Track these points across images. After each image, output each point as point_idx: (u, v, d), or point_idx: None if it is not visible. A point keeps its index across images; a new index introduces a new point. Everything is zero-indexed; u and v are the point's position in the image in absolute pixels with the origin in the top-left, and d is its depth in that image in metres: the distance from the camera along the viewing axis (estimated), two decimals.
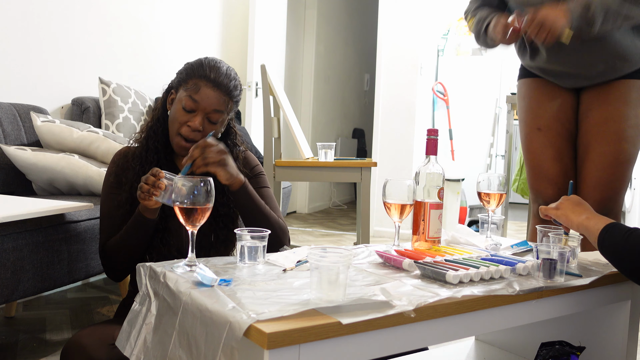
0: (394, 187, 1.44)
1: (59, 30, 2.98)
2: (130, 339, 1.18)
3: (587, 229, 1.33)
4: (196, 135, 1.50)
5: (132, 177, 1.53)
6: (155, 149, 1.55)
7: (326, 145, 3.02)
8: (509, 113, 3.58)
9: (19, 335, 2.20)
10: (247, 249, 1.26)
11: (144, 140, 1.57)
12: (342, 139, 6.60)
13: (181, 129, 1.50)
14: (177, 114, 1.51)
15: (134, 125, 2.96)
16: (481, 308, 1.13)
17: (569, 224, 1.38)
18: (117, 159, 1.59)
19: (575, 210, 1.38)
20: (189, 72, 1.52)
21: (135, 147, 1.59)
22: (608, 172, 1.79)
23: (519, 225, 5.28)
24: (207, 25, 4.22)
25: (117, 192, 1.55)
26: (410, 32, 4.56)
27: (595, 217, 1.34)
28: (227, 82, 1.51)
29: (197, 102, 1.49)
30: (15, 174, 2.42)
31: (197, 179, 1.18)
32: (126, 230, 1.48)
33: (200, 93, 1.49)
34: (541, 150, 1.91)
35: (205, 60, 1.54)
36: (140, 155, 1.55)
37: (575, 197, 1.42)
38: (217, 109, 1.50)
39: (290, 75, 5.69)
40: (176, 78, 1.57)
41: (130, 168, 1.55)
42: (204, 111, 1.50)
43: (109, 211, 1.55)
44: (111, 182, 1.56)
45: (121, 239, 1.49)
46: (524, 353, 1.74)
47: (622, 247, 1.22)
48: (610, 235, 1.26)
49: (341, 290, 1.01)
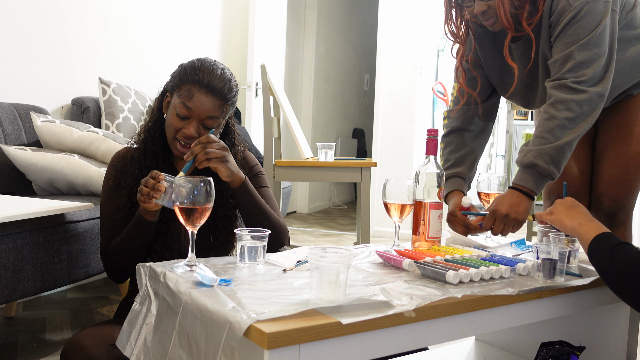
0: (394, 187, 1.44)
1: (59, 30, 2.98)
2: (130, 339, 1.18)
3: (579, 235, 1.32)
4: (192, 141, 1.48)
5: (130, 181, 1.53)
6: (153, 153, 1.55)
7: (326, 145, 3.02)
8: (509, 113, 3.58)
9: (19, 335, 2.20)
10: (247, 249, 1.26)
11: (141, 143, 1.56)
12: (342, 139, 6.60)
13: (177, 134, 1.50)
14: (172, 120, 1.50)
15: (134, 125, 2.96)
16: (481, 308, 1.13)
17: (563, 229, 1.37)
18: (115, 162, 1.58)
19: (568, 214, 1.37)
20: (182, 77, 1.50)
21: (134, 149, 1.58)
22: (624, 169, 1.79)
23: None
24: (207, 25, 4.22)
25: (116, 196, 1.54)
26: (410, 32, 4.56)
27: (587, 223, 1.32)
28: (222, 87, 1.48)
29: (191, 109, 1.46)
30: (15, 174, 2.42)
31: (197, 179, 1.18)
32: (127, 233, 1.47)
33: (193, 100, 1.46)
34: None
35: (199, 63, 1.50)
36: (138, 159, 1.54)
37: (569, 200, 1.41)
38: (211, 116, 1.48)
39: (290, 75, 5.69)
40: (170, 81, 1.55)
41: (129, 171, 1.54)
42: (198, 118, 1.47)
43: (109, 214, 1.55)
44: (110, 185, 1.56)
45: (122, 242, 1.48)
46: (524, 353, 1.74)
47: (608, 264, 1.21)
48: (598, 247, 1.25)
49: (341, 290, 1.01)
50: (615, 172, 1.80)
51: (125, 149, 1.61)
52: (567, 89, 1.55)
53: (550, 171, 1.54)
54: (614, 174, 1.80)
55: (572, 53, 1.55)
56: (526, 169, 1.55)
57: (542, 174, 1.54)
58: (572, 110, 1.54)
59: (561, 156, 1.54)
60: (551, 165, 1.54)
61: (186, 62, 1.55)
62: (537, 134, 1.57)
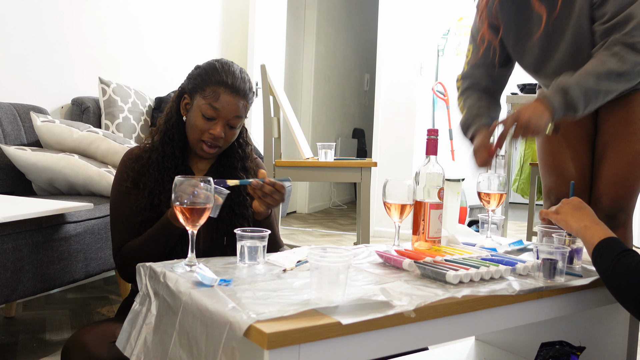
0: (394, 187, 1.44)
1: (59, 30, 2.98)
2: (130, 339, 1.18)
3: (584, 238, 1.32)
4: (219, 141, 1.51)
5: (151, 184, 1.52)
6: (172, 155, 1.55)
7: (326, 145, 3.02)
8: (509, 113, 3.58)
9: (19, 335, 2.20)
10: (247, 249, 1.26)
11: (159, 146, 1.55)
12: (342, 139, 6.60)
13: (203, 136, 1.51)
14: (198, 122, 1.50)
15: (133, 125, 2.96)
16: (481, 308, 1.13)
17: (569, 230, 1.37)
18: (130, 163, 1.55)
19: (575, 215, 1.37)
20: (204, 79, 1.51)
21: (150, 150, 1.56)
22: (624, 169, 1.79)
23: (519, 225, 5.28)
24: (207, 25, 4.22)
25: (134, 195, 1.52)
26: (410, 32, 4.56)
27: (593, 226, 1.32)
28: (244, 86, 1.51)
29: (218, 110, 1.49)
30: (15, 174, 2.42)
31: (197, 179, 1.18)
32: (150, 235, 1.46)
33: (220, 101, 1.48)
34: (558, 150, 1.91)
35: (219, 64, 1.52)
36: (157, 161, 1.53)
37: (576, 200, 1.41)
38: (237, 115, 1.51)
39: (290, 75, 5.69)
40: (189, 83, 1.55)
41: (148, 173, 1.53)
42: (224, 118, 1.50)
43: (125, 215, 1.52)
44: (128, 186, 1.53)
45: (144, 245, 1.46)
46: (524, 353, 1.74)
47: (610, 273, 1.21)
48: (602, 254, 1.25)
49: (341, 290, 1.01)
50: (616, 172, 1.79)
51: (138, 148, 1.59)
52: (630, 48, 1.56)
53: (577, 104, 1.56)
54: (615, 173, 1.79)
55: (632, 13, 1.57)
56: (559, 89, 1.58)
57: (569, 102, 1.56)
58: (625, 66, 1.56)
59: (594, 99, 1.57)
60: (581, 100, 1.56)
61: (203, 63, 1.56)
62: (583, 71, 1.59)
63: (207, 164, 1.62)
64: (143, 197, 1.51)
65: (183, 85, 1.58)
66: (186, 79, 1.57)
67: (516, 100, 3.51)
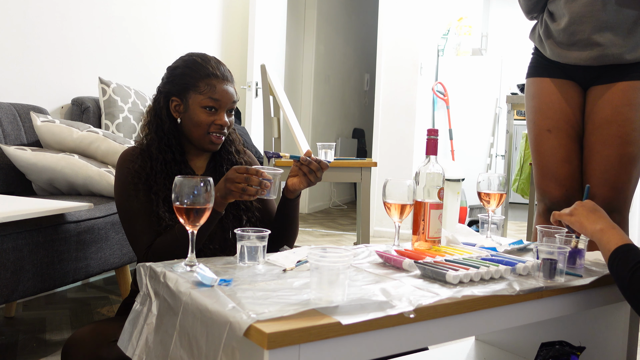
0: (394, 187, 1.44)
1: (59, 30, 2.98)
2: (132, 339, 1.19)
3: (600, 242, 1.30)
4: (226, 128, 1.56)
5: (163, 193, 1.50)
6: (174, 161, 1.55)
7: (326, 145, 3.01)
8: (509, 113, 3.58)
9: (19, 335, 2.20)
10: (247, 249, 1.26)
11: (159, 154, 1.53)
12: (342, 139, 6.60)
13: (209, 128, 1.54)
14: (201, 117, 1.52)
15: (134, 125, 2.96)
16: (481, 308, 1.13)
17: (583, 232, 1.36)
18: (130, 165, 1.52)
19: (590, 217, 1.36)
20: (193, 76, 1.52)
21: (150, 160, 1.53)
22: (611, 173, 1.79)
23: (519, 225, 5.28)
24: (207, 25, 4.22)
25: (143, 191, 1.50)
26: (410, 32, 4.56)
27: (609, 230, 1.31)
28: (228, 72, 1.58)
29: (219, 100, 1.53)
30: (15, 174, 2.42)
31: (197, 179, 1.18)
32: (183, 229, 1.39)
33: (217, 91, 1.53)
34: (551, 152, 1.91)
35: (198, 58, 1.56)
36: (162, 170, 1.52)
37: (590, 203, 1.40)
38: (234, 100, 1.58)
39: (290, 75, 5.69)
40: (174, 85, 1.54)
41: (154, 184, 1.50)
42: (225, 106, 1.55)
43: (143, 213, 1.48)
44: (140, 188, 1.50)
45: (177, 239, 1.41)
46: (524, 353, 1.74)
47: (628, 284, 1.20)
48: (619, 263, 1.24)
49: (341, 290, 1.01)
50: (604, 176, 1.79)
51: (132, 148, 1.58)
52: None
53: None
54: (603, 177, 1.79)
55: None
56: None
57: None
58: None
59: None
60: None
61: (176, 63, 1.58)
62: None
63: (204, 160, 1.64)
64: (158, 198, 1.49)
65: (165, 89, 1.56)
66: (166, 83, 1.57)
67: (516, 100, 3.51)
